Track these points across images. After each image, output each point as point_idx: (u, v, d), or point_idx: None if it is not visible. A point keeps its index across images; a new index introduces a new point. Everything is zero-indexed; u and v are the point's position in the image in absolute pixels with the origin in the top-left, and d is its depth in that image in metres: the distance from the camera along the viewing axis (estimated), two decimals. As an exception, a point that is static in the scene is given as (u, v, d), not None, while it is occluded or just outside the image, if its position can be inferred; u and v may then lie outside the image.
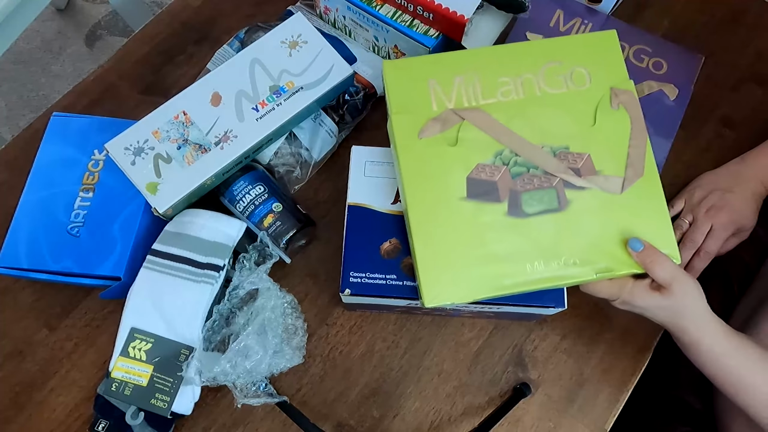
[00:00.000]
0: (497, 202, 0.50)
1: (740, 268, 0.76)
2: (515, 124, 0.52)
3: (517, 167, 0.51)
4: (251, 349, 0.53)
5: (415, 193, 0.50)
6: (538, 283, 0.49)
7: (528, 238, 0.49)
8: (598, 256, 0.49)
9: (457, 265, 0.49)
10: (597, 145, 0.51)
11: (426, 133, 0.51)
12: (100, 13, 1.69)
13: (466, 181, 0.50)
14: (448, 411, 0.60)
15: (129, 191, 0.58)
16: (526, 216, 0.50)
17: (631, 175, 0.51)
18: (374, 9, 0.67)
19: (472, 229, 0.50)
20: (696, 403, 0.71)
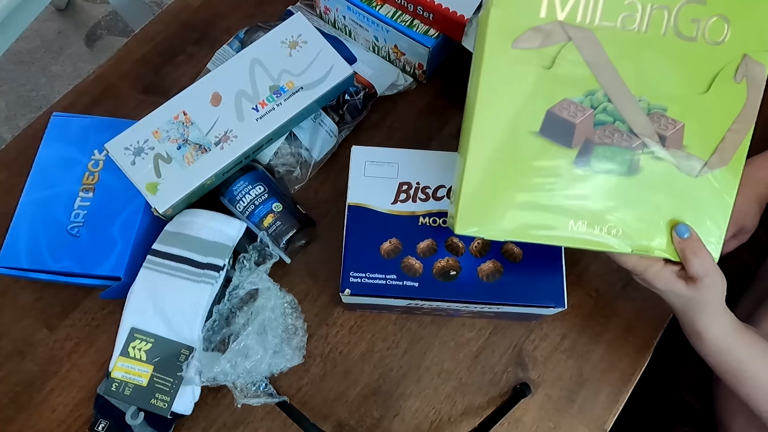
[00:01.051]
0: (567, 147, 0.46)
1: (740, 268, 0.76)
2: (623, 64, 0.46)
3: (603, 115, 0.46)
4: (251, 349, 0.53)
5: (486, 110, 0.46)
6: (570, 242, 0.47)
7: (582, 196, 0.47)
8: (642, 233, 0.47)
9: (500, 201, 0.46)
10: (696, 116, 0.46)
11: (522, 43, 0.45)
12: (100, 13, 1.70)
13: (545, 114, 0.46)
14: (448, 411, 0.60)
15: (129, 191, 0.58)
16: (591, 171, 0.46)
17: (714, 162, 0.47)
18: (374, 9, 0.68)
19: (530, 169, 0.46)
20: (696, 403, 0.71)
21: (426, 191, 0.56)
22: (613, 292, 0.65)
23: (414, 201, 0.56)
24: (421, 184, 0.57)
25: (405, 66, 0.73)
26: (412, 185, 0.57)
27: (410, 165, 0.57)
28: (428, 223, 0.55)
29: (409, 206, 0.56)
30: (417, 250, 0.54)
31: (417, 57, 0.70)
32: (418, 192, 0.56)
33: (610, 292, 0.65)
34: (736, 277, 0.75)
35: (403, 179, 0.57)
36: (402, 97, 0.74)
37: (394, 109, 0.73)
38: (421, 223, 0.55)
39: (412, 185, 0.57)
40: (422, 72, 0.72)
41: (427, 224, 0.55)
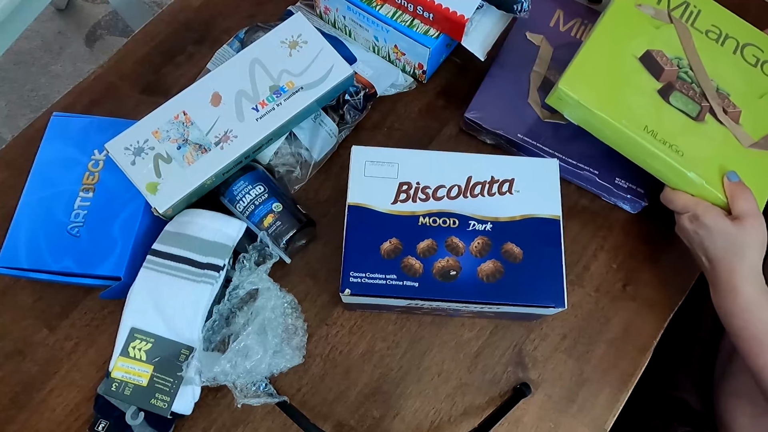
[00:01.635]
0: (655, 79, 0.60)
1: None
2: (703, 55, 0.62)
3: (685, 75, 0.60)
4: (251, 349, 0.53)
5: (610, 23, 0.62)
6: (639, 146, 0.58)
7: (658, 114, 0.58)
8: (699, 168, 0.56)
9: (598, 84, 0.59)
10: (752, 110, 0.60)
11: (643, 8, 0.63)
12: (100, 13, 1.70)
13: (645, 51, 0.61)
14: (448, 411, 0.60)
15: (129, 191, 0.58)
16: (668, 103, 0.59)
17: (762, 143, 0.59)
18: (374, 9, 0.68)
19: (626, 76, 0.60)
20: (696, 403, 0.71)
21: (426, 191, 0.56)
22: (613, 292, 0.65)
23: (414, 201, 0.56)
24: (421, 184, 0.57)
25: (405, 66, 0.73)
26: (412, 185, 0.57)
27: (410, 165, 0.57)
28: (428, 223, 0.55)
29: (409, 206, 0.56)
30: (417, 250, 0.54)
31: (417, 57, 0.70)
32: (418, 192, 0.56)
33: (610, 292, 0.65)
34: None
35: (403, 179, 0.57)
36: (402, 97, 0.74)
37: (394, 109, 0.73)
38: (421, 223, 0.55)
39: (412, 185, 0.57)
40: (422, 72, 0.72)
41: (427, 224, 0.55)
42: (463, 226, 0.55)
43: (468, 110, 0.69)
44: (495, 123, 0.68)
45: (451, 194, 0.56)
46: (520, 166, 0.58)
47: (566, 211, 0.58)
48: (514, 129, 0.68)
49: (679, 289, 0.63)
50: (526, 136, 0.67)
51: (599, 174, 0.66)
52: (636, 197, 0.66)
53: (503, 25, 0.70)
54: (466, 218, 0.55)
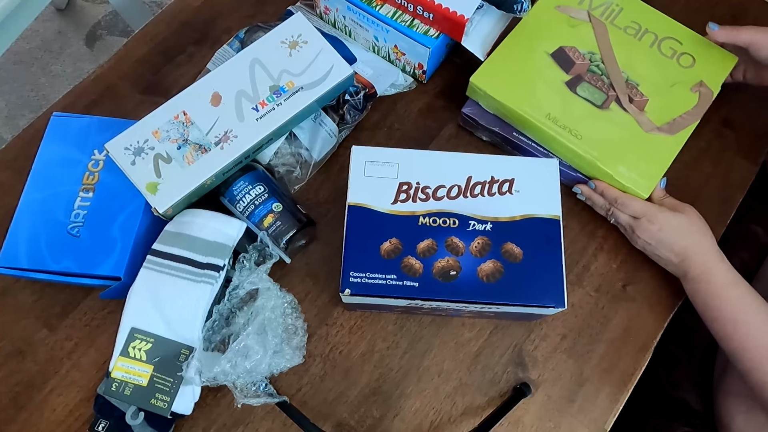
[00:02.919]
0: (565, 72, 0.66)
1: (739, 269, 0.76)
2: (618, 49, 0.67)
3: (596, 68, 0.66)
4: (251, 349, 0.53)
5: (525, 27, 0.68)
6: (541, 131, 0.64)
7: (562, 103, 0.64)
8: (596, 149, 0.62)
9: (513, 75, 0.66)
10: (659, 99, 0.65)
11: (562, 9, 0.70)
12: (100, 13, 1.70)
13: (558, 47, 0.67)
14: (448, 411, 0.60)
15: (129, 191, 0.58)
16: (574, 93, 0.65)
17: (664, 129, 0.64)
18: (374, 9, 0.68)
19: (537, 69, 0.66)
20: (696, 403, 0.71)
21: (426, 191, 0.56)
22: (613, 292, 0.65)
23: (414, 201, 0.56)
24: (421, 184, 0.57)
25: (405, 66, 0.73)
26: (412, 185, 0.57)
27: (410, 165, 0.57)
28: (428, 223, 0.55)
29: (409, 206, 0.56)
30: (417, 250, 0.54)
31: (417, 57, 0.70)
32: (418, 192, 0.56)
33: (610, 292, 0.65)
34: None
35: (403, 179, 0.57)
36: (402, 97, 0.74)
37: (394, 109, 0.73)
38: (421, 223, 0.55)
39: (412, 185, 0.57)
40: (422, 72, 0.72)
41: (427, 224, 0.55)
42: (463, 226, 0.55)
43: (465, 105, 0.69)
44: (491, 120, 0.68)
45: (451, 194, 0.56)
46: (520, 166, 0.58)
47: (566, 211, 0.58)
48: (510, 126, 0.68)
49: (679, 289, 0.63)
50: (521, 135, 0.67)
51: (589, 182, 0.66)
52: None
53: (503, 25, 0.70)
54: (466, 218, 0.55)
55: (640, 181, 0.61)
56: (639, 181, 0.61)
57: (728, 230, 0.68)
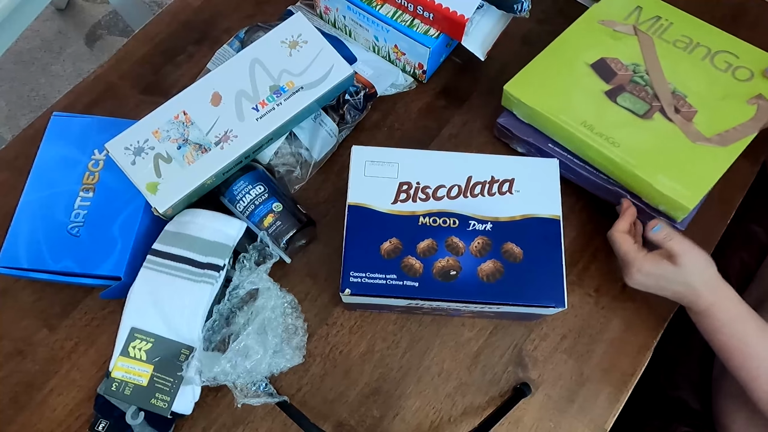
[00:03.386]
0: (604, 82, 0.65)
1: (739, 269, 0.76)
2: (664, 62, 0.66)
3: (639, 79, 0.65)
4: (251, 349, 0.53)
5: (574, 32, 0.68)
6: (576, 138, 0.62)
7: (600, 111, 0.62)
8: (633, 157, 0.59)
9: (549, 84, 0.64)
10: (708, 110, 0.62)
11: (606, 23, 0.69)
12: (100, 13, 1.70)
13: (599, 58, 0.66)
14: (448, 411, 0.60)
15: (129, 191, 0.58)
16: (614, 102, 0.63)
17: (715, 140, 0.60)
18: (374, 9, 0.68)
19: (575, 78, 0.65)
20: (695, 403, 0.71)
21: (426, 191, 0.56)
22: (613, 292, 0.65)
23: (414, 201, 0.56)
24: (421, 184, 0.57)
25: (405, 66, 0.73)
26: (412, 185, 0.57)
27: (410, 165, 0.57)
28: (428, 223, 0.55)
29: (409, 206, 0.56)
30: (417, 250, 0.54)
31: (417, 57, 0.70)
32: (418, 192, 0.56)
33: (610, 292, 0.65)
34: (735, 277, 0.75)
35: (403, 179, 0.57)
36: (402, 97, 0.74)
37: (394, 109, 0.73)
38: (421, 223, 0.55)
39: (412, 185, 0.57)
40: (422, 72, 0.72)
41: (427, 224, 0.55)
42: (463, 226, 0.55)
43: (500, 116, 0.68)
44: (526, 130, 0.67)
45: (451, 194, 0.56)
46: (520, 166, 0.58)
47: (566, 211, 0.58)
48: (546, 137, 0.66)
49: (679, 289, 0.63)
50: (557, 146, 0.65)
51: (630, 195, 0.63)
52: (671, 223, 0.61)
53: (503, 25, 0.70)
54: (466, 218, 0.55)
55: (683, 192, 0.58)
56: (682, 192, 0.58)
57: (728, 230, 0.68)
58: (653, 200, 0.60)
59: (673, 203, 0.58)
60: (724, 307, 0.54)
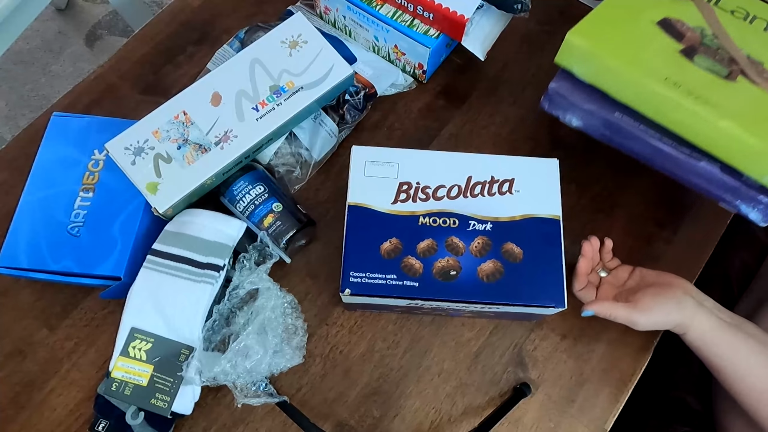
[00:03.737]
0: (676, 41, 0.55)
1: (739, 269, 0.76)
2: (731, 29, 0.57)
3: (710, 42, 0.56)
4: (251, 349, 0.53)
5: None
6: (659, 97, 0.52)
7: (680, 69, 0.53)
8: (733, 117, 0.50)
9: (619, 36, 0.55)
10: None
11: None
12: (100, 13, 1.70)
13: (663, 17, 0.57)
14: (448, 411, 0.60)
15: (129, 191, 0.58)
16: (692, 62, 0.54)
17: None
18: (374, 9, 0.68)
19: (645, 35, 0.56)
20: (695, 403, 0.71)
21: (426, 191, 0.56)
22: (613, 292, 0.65)
23: (414, 201, 0.56)
24: (421, 184, 0.57)
25: (405, 66, 0.73)
26: (412, 185, 0.57)
27: (410, 165, 0.57)
28: (428, 223, 0.55)
29: (409, 206, 0.56)
30: (417, 250, 0.54)
31: (417, 57, 0.70)
32: (418, 192, 0.56)
33: (610, 292, 0.65)
34: (735, 278, 0.75)
35: (403, 179, 0.57)
36: (402, 97, 0.74)
37: (394, 109, 0.73)
38: (421, 223, 0.55)
39: (412, 185, 0.57)
40: (422, 72, 0.72)
41: (427, 224, 0.55)
42: (463, 226, 0.55)
43: (554, 80, 0.59)
44: (586, 96, 0.57)
45: (451, 194, 0.56)
46: (520, 166, 0.58)
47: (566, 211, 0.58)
48: (613, 104, 0.56)
49: (679, 289, 0.63)
50: (627, 114, 0.55)
51: (722, 167, 0.53)
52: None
53: (503, 25, 0.70)
54: (466, 218, 0.55)
55: None
56: None
57: (728, 230, 0.68)
58: (756, 170, 0.51)
59: None
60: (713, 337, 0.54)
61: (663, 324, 0.54)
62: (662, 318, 0.54)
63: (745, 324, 0.55)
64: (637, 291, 0.56)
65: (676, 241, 0.64)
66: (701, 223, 0.67)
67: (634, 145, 0.56)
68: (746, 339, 0.53)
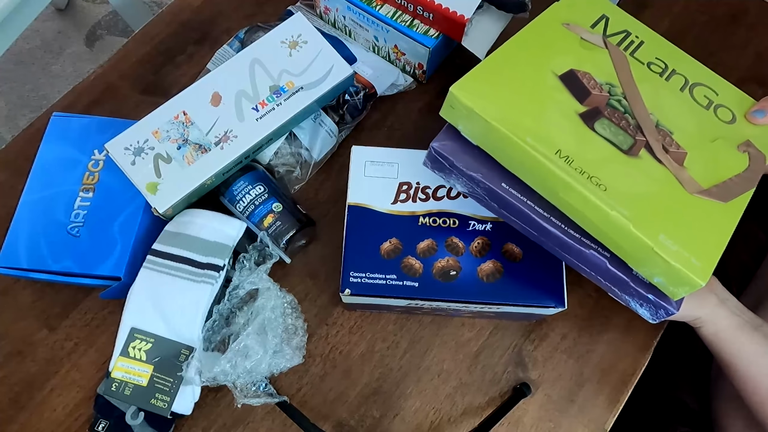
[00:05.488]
0: (577, 101, 0.49)
1: (739, 269, 0.76)
2: (643, 86, 0.51)
3: (617, 103, 0.50)
4: (251, 349, 0.53)
5: (536, 32, 0.53)
6: (548, 173, 0.45)
7: (576, 139, 0.46)
8: (626, 207, 0.44)
9: (510, 93, 0.47)
10: (700, 153, 0.49)
11: (571, 28, 0.54)
12: (100, 13, 1.70)
13: (569, 69, 0.50)
14: (448, 411, 0.60)
15: (129, 191, 0.58)
16: (592, 130, 0.47)
17: (714, 192, 0.47)
18: (374, 9, 0.68)
19: (542, 91, 0.49)
20: (694, 404, 0.71)
21: (426, 191, 0.56)
22: (613, 292, 0.65)
23: (414, 201, 0.56)
24: (421, 184, 0.57)
25: (405, 66, 0.73)
26: (412, 185, 0.57)
27: (410, 165, 0.57)
28: (428, 223, 0.55)
29: (409, 206, 0.56)
30: (417, 250, 0.54)
31: (417, 57, 0.70)
32: (418, 192, 0.56)
33: (610, 292, 0.65)
34: (734, 278, 0.75)
35: (403, 179, 0.57)
36: (402, 97, 0.74)
37: (394, 109, 0.73)
38: (421, 223, 0.55)
39: (412, 185, 0.57)
40: (422, 72, 0.72)
41: (427, 224, 0.55)
42: (463, 226, 0.55)
43: (437, 138, 0.51)
44: (471, 161, 0.49)
45: (451, 194, 0.56)
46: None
47: (566, 211, 0.58)
48: (499, 174, 0.49)
49: (679, 289, 0.63)
50: (514, 186, 0.48)
51: (610, 259, 0.47)
52: (660, 299, 0.47)
53: (503, 25, 0.70)
54: (466, 218, 0.55)
55: (692, 261, 0.43)
56: (691, 261, 0.43)
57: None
58: (644, 268, 0.46)
59: (678, 276, 0.43)
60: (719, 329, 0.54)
61: (682, 318, 0.54)
62: (682, 312, 0.52)
63: (766, 326, 0.55)
64: None
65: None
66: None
67: (523, 222, 0.49)
68: (762, 340, 0.54)
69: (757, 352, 0.53)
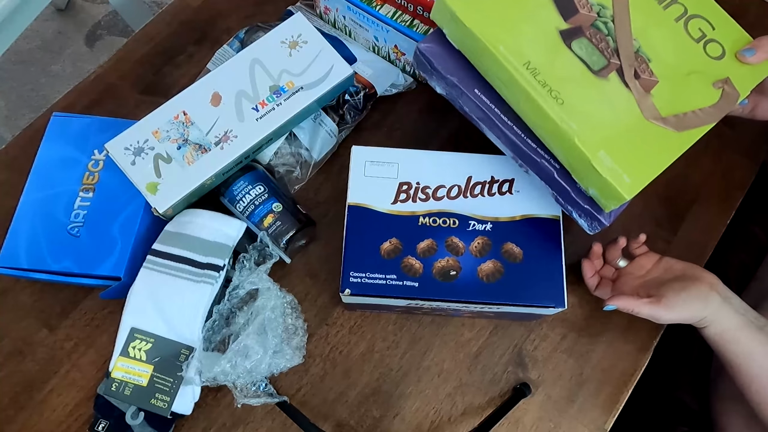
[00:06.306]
0: (561, 18, 0.51)
1: (738, 269, 0.76)
2: (635, 14, 0.53)
3: (602, 25, 0.52)
4: (251, 349, 0.53)
5: None
6: (512, 82, 0.49)
7: (549, 54, 0.50)
8: (577, 122, 0.48)
9: (494, 3, 0.50)
10: (670, 85, 0.51)
11: None
12: (100, 13, 1.70)
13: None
14: (448, 411, 0.60)
15: (129, 191, 0.58)
16: (567, 48, 0.50)
17: (670, 121, 0.50)
18: (374, 9, 0.68)
19: (527, 3, 0.51)
20: (693, 403, 0.71)
21: (426, 191, 0.56)
22: (613, 292, 0.65)
23: (414, 201, 0.56)
24: (421, 184, 0.57)
25: (405, 66, 0.73)
26: (412, 185, 0.57)
27: (410, 165, 0.57)
28: (428, 223, 0.55)
29: (409, 206, 0.56)
30: (417, 250, 0.54)
31: (417, 57, 0.70)
32: (418, 192, 0.56)
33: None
34: (734, 278, 0.75)
35: (403, 179, 0.57)
36: (402, 97, 0.74)
37: (394, 109, 0.73)
38: (421, 223, 0.55)
39: (412, 185, 0.57)
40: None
41: (427, 224, 0.55)
42: (463, 226, 0.55)
43: (424, 40, 0.55)
44: (451, 66, 0.53)
45: (451, 194, 0.56)
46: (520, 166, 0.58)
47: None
48: (473, 80, 0.53)
49: (679, 289, 0.63)
50: (484, 92, 0.53)
51: (559, 170, 0.52)
52: (595, 212, 0.53)
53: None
54: (466, 218, 0.55)
55: (623, 178, 0.48)
56: (622, 178, 0.48)
57: (728, 231, 0.68)
58: (584, 180, 0.50)
59: (608, 189, 0.49)
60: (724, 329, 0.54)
61: (686, 319, 0.54)
62: (686, 314, 0.53)
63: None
64: (661, 284, 0.55)
65: (676, 241, 0.64)
66: (701, 223, 0.68)
67: (488, 127, 0.53)
68: (766, 340, 0.53)
69: (761, 353, 0.53)
